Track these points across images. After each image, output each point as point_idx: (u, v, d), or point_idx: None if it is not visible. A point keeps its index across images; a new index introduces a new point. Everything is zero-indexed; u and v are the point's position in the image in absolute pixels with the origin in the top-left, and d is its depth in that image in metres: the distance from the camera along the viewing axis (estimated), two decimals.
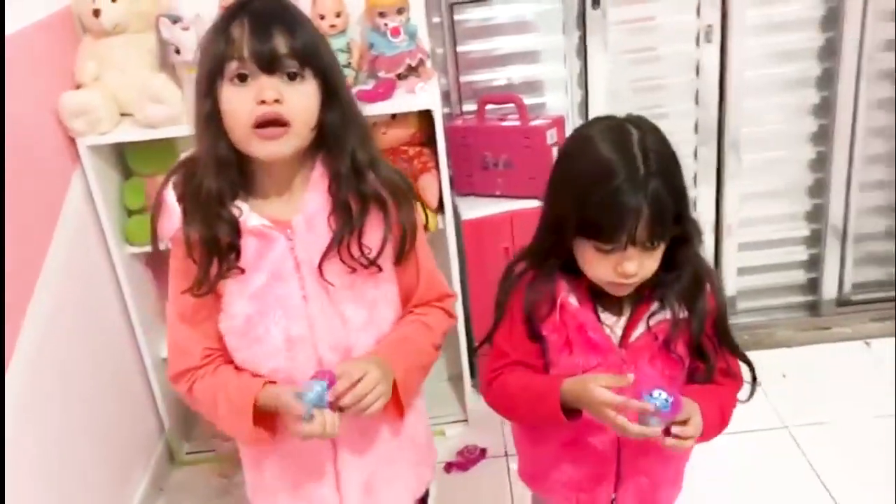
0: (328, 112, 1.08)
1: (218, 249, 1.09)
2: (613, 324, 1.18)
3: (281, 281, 1.12)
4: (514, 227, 2.14)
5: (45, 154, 1.81)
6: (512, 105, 2.17)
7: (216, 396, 1.14)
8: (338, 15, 1.97)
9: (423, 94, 1.95)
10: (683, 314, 1.16)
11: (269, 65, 1.03)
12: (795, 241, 2.61)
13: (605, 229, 1.07)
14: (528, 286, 1.19)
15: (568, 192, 1.12)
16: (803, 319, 2.64)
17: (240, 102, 1.04)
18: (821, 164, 2.49)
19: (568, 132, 2.27)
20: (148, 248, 2.07)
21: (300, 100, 1.05)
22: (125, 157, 2.08)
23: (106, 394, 1.96)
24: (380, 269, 1.14)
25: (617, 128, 1.11)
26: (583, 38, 2.27)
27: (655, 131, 1.12)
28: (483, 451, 2.19)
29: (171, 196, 1.11)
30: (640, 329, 1.16)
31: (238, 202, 1.10)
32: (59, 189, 1.85)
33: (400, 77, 1.97)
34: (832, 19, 2.31)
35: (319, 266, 1.11)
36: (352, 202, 1.11)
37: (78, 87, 1.91)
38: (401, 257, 1.17)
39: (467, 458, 2.16)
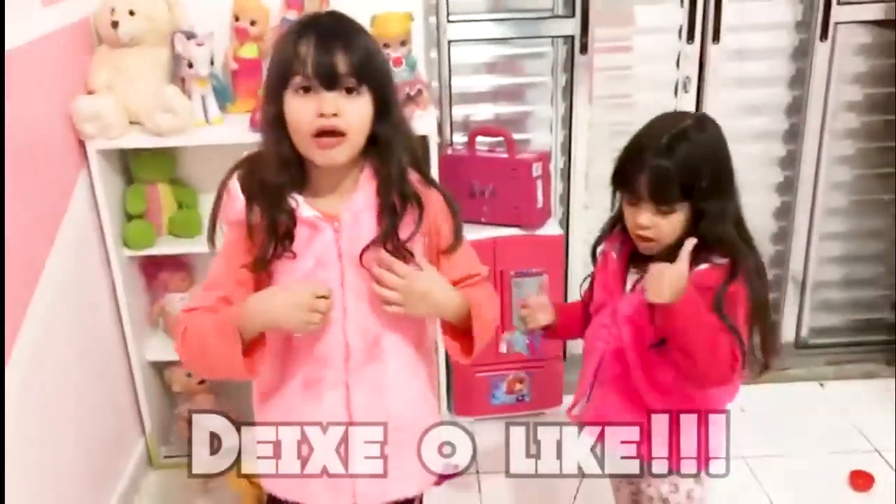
0: (380, 123, 1.22)
1: (276, 234, 1.22)
2: (633, 277, 1.43)
3: (324, 267, 1.24)
4: (496, 253, 2.26)
5: (55, 155, 1.88)
6: (499, 138, 2.30)
7: (204, 329, 1.21)
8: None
9: (421, 122, 2.06)
10: None
11: (330, 81, 1.16)
12: None
13: (620, 177, 1.37)
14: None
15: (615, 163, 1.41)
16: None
17: (303, 112, 1.17)
18: (784, 213, 2.65)
19: (551, 167, 2.41)
20: (143, 253, 2.14)
21: (356, 112, 1.18)
22: (129, 164, 2.15)
23: (93, 393, 2.01)
24: (411, 255, 1.25)
25: (678, 115, 1.39)
26: (570, 82, 2.41)
27: (704, 129, 1.35)
28: (455, 467, 2.26)
29: (235, 186, 1.24)
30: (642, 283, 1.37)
31: (295, 195, 1.23)
32: (66, 189, 1.92)
33: None
34: (799, 79, 2.49)
35: (360, 255, 1.22)
36: (396, 201, 1.23)
37: (90, 93, 1.99)
38: (457, 244, 1.31)
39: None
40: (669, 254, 1.33)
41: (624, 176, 1.37)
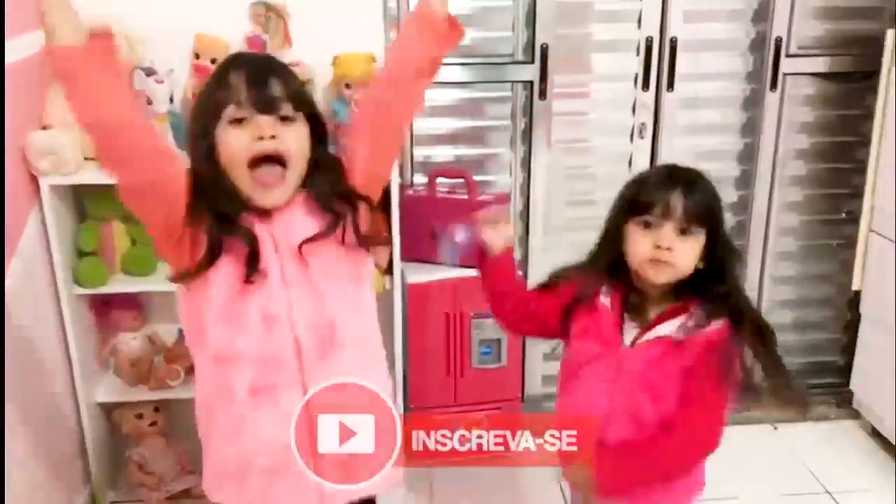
0: (318, 152, 1.22)
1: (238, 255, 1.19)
2: (631, 329, 1.35)
3: (262, 261, 1.19)
4: (456, 294, 2.26)
5: (7, 190, 1.83)
6: (460, 180, 2.31)
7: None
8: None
9: None
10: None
11: (266, 106, 1.15)
12: None
13: (647, 200, 1.30)
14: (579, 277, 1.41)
15: (624, 191, 1.37)
16: None
17: (237, 141, 1.15)
18: None
19: (511, 208, 2.43)
20: (95, 291, 2.09)
21: (294, 138, 1.18)
22: (82, 201, 2.11)
23: (37, 435, 1.94)
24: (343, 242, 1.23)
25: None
26: (529, 126, 2.45)
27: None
28: None
29: None
30: (647, 337, 1.32)
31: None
32: (17, 225, 1.87)
33: None
34: (751, 127, 2.56)
35: (299, 248, 1.19)
36: (334, 201, 1.23)
37: (44, 128, 1.95)
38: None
39: None
40: (673, 291, 1.33)
41: (647, 196, 1.31)
